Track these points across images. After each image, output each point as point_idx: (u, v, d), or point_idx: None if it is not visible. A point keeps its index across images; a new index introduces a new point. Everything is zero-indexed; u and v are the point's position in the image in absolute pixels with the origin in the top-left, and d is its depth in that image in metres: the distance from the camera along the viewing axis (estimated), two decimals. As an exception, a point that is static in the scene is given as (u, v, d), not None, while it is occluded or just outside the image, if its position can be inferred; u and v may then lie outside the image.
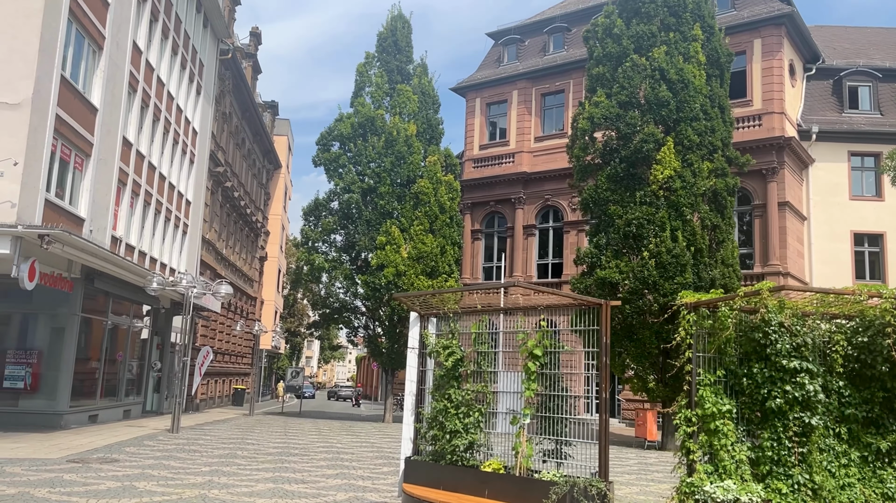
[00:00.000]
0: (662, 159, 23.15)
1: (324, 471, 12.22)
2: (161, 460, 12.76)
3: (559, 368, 7.04)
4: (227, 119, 34.62)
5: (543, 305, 7.33)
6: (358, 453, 15.74)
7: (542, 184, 36.39)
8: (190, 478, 10.67)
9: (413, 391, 8.27)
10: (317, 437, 19.81)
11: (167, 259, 25.81)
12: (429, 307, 8.37)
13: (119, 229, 20.89)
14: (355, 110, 31.05)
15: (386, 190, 29.64)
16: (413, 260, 28.86)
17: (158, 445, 15.33)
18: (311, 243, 31.13)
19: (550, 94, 37.65)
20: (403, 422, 8.25)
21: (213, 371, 34.56)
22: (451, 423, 7.47)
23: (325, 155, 30.89)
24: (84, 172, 18.36)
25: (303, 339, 75.29)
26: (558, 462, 6.90)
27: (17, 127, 14.93)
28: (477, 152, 39.07)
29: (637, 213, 22.95)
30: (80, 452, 13.31)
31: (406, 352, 25.66)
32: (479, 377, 7.72)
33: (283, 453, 14.98)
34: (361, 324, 32.06)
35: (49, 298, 18.24)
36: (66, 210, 17.18)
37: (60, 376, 18.00)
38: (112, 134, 19.75)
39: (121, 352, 22.86)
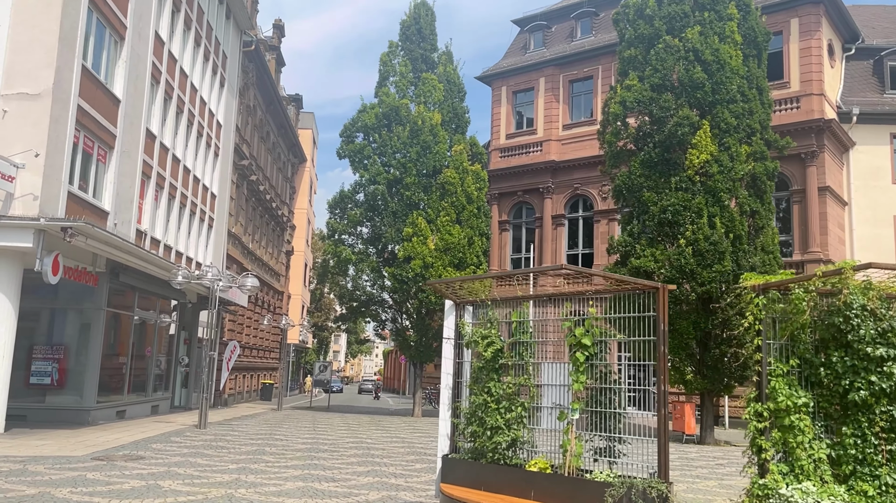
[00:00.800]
0: (698, 143, 22.36)
1: (354, 469, 11.76)
2: (187, 457, 12.40)
3: (610, 359, 6.45)
4: (251, 112, 34.35)
5: (591, 291, 6.75)
6: (389, 449, 15.28)
7: (571, 172, 35.65)
8: (216, 477, 10.27)
9: (449, 384, 7.74)
10: (346, 432, 19.41)
11: (193, 253, 25.57)
12: (465, 295, 7.82)
13: (144, 223, 20.64)
14: (379, 100, 30.56)
15: (412, 180, 29.14)
16: (440, 251, 28.35)
17: (185, 441, 15.01)
18: (338, 236, 30.76)
19: (578, 81, 36.84)
20: (440, 417, 7.73)
21: (241, 366, 34.42)
22: (491, 419, 6.93)
23: (349, 146, 30.46)
24: (107, 165, 18.09)
25: (330, 334, 75.27)
26: (610, 461, 6.33)
27: (39, 117, 14.64)
28: (503, 141, 38.41)
29: (672, 199, 22.19)
30: (106, 449, 13.00)
31: (435, 345, 25.22)
32: (520, 369, 7.16)
33: (312, 449, 14.57)
34: (389, 318, 31.64)
35: (75, 293, 18.04)
36: (89, 203, 16.91)
37: (87, 372, 17.79)
38: (135, 126, 19.47)
39: (148, 347, 22.67)
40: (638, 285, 6.41)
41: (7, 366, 14.53)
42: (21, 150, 14.29)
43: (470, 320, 7.84)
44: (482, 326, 7.50)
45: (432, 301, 28.11)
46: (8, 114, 14.53)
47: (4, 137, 14.44)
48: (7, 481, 9.16)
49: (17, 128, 14.52)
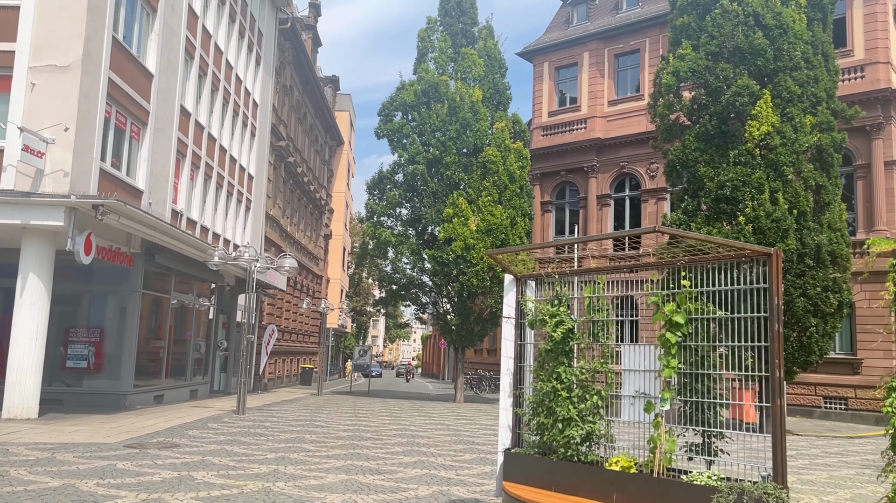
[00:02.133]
0: (758, 114, 20.98)
1: (400, 459, 10.97)
2: (224, 445, 11.75)
3: (708, 340, 5.46)
4: (288, 92, 33.70)
5: (683, 260, 5.75)
6: (434, 437, 14.48)
7: (617, 150, 34.33)
8: (253, 468, 9.55)
9: (510, 369, 6.83)
10: (388, 419, 18.69)
11: (230, 235, 25.05)
12: (529, 267, 6.90)
13: (179, 203, 20.09)
14: (418, 77, 29.63)
15: (452, 160, 28.19)
16: (482, 233, 27.42)
17: (222, 428, 14.41)
18: (377, 218, 30.00)
19: (624, 55, 35.39)
20: (500, 406, 6.84)
21: (281, 350, 34.03)
22: (562, 409, 6.01)
23: (387, 126, 29.61)
24: (141, 142, 17.51)
25: (368, 318, 75.02)
26: (708, 460, 5.36)
27: (68, 90, 14.05)
28: (546, 119, 37.19)
29: (731, 174, 20.90)
30: (140, 436, 12.43)
31: (477, 329, 24.22)
32: (595, 352, 6.22)
33: (354, 437, 13.84)
34: (429, 301, 30.86)
35: (110, 275, 17.57)
36: (122, 181, 16.35)
37: (124, 355, 17.33)
38: (169, 102, 18.86)
39: (187, 331, 22.23)
40: (745, 251, 5.40)
41: (40, 350, 14.06)
42: (50, 125, 13.71)
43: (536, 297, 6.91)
44: (549, 303, 6.56)
45: (474, 284, 27.25)
46: (37, 87, 13.96)
47: (33, 112, 13.88)
48: (31, 472, 8.55)
49: (46, 102, 13.94)
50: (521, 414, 6.49)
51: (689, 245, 5.65)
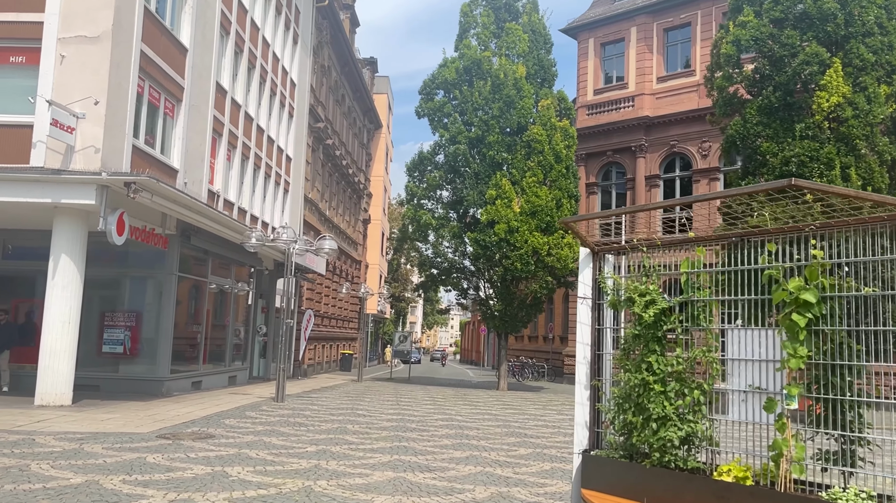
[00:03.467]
0: (828, 84, 19.57)
1: (450, 454, 10.09)
2: (262, 436, 11.02)
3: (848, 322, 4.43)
4: (325, 72, 32.94)
5: (813, 226, 4.70)
6: (483, 428, 13.59)
7: (667, 129, 32.87)
8: (292, 462, 8.77)
9: (587, 357, 5.86)
10: (432, 407, 17.87)
11: (269, 218, 24.44)
12: (611, 239, 5.92)
13: (216, 183, 19.47)
14: (460, 54, 28.55)
15: (495, 139, 27.11)
16: (526, 215, 26.35)
17: (261, 417, 13.72)
18: (417, 200, 29.10)
19: (674, 29, 33.82)
20: (576, 401, 5.88)
21: (320, 335, 33.51)
22: (656, 406, 5.03)
23: (428, 104, 28.64)
24: (175, 119, 16.87)
25: (407, 304, 74.52)
26: (847, 471, 4.34)
27: (98, 63, 13.39)
28: (591, 98, 35.85)
29: (797, 149, 19.56)
30: (175, 425, 11.78)
31: (521, 315, 23.12)
32: (695, 338, 5.22)
33: (398, 427, 13.03)
34: (471, 286, 29.94)
35: (145, 258, 17.04)
36: (156, 159, 15.72)
37: (160, 340, 16.79)
38: (204, 78, 18.18)
39: (226, 315, 21.70)
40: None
41: (73, 334, 13.52)
42: (80, 98, 13.07)
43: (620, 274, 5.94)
44: (635, 280, 5.58)
45: (517, 268, 26.24)
46: (66, 59, 13.33)
47: (63, 85, 13.26)
48: (54, 466, 7.88)
49: (75, 74, 13.31)
50: (605, 410, 5.51)
51: (828, 205, 4.60)
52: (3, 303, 16.77)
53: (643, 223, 32.97)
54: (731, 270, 5.05)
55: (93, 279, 16.45)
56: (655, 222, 33.00)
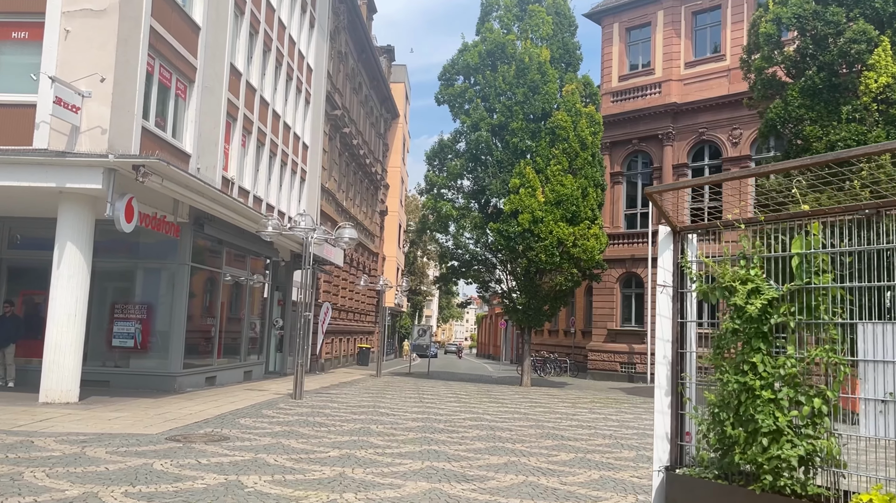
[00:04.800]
0: (876, 64, 18.43)
1: (486, 460, 9.19)
2: (280, 438, 10.17)
3: None
4: (342, 59, 32.05)
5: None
6: (516, 429, 12.68)
7: (695, 116, 31.71)
8: (314, 470, 7.91)
9: (668, 356, 4.93)
10: (457, 405, 16.98)
11: (285, 207, 23.63)
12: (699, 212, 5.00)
13: (231, 170, 18.65)
14: (482, 37, 27.56)
15: (518, 126, 26.10)
16: (551, 205, 25.36)
17: (278, 415, 12.89)
18: (437, 190, 28.17)
19: (703, 12, 32.59)
20: (656, 408, 4.95)
21: (338, 329, 32.73)
22: (764, 417, 4.09)
23: (448, 90, 27.69)
24: (188, 101, 16.04)
25: (423, 298, 73.76)
26: None
27: (105, 37, 12.57)
28: (616, 84, 34.71)
29: (843, 132, 18.43)
30: (186, 425, 10.97)
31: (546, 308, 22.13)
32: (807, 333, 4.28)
33: (425, 428, 12.15)
34: (493, 279, 29.01)
35: (156, 247, 16.25)
36: (167, 143, 14.90)
37: (172, 334, 16.01)
38: (218, 59, 17.34)
39: (242, 308, 20.92)
40: None
41: (80, 327, 12.76)
42: (86, 75, 12.25)
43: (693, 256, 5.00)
44: (728, 264, 4.64)
45: (542, 260, 25.27)
46: (71, 34, 12.51)
47: (67, 62, 12.45)
48: (51, 474, 7.06)
49: (81, 50, 12.50)
50: (697, 421, 4.57)
51: (875, 192, 3.69)
52: (12, 295, 16.07)
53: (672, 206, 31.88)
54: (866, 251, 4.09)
55: (102, 270, 15.75)
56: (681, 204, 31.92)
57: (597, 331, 34.31)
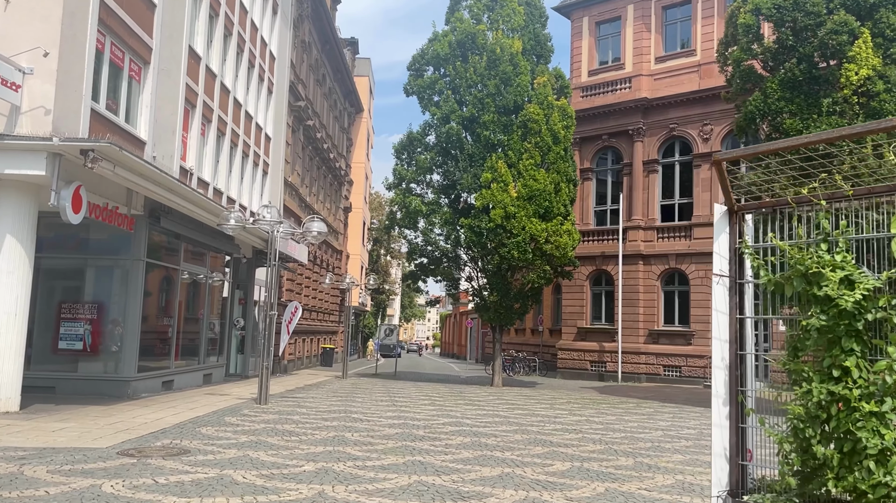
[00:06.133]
0: (856, 56, 18.12)
1: (478, 472, 8.36)
2: (247, 450, 9.18)
3: None
4: (306, 49, 30.89)
5: None
6: (500, 435, 11.88)
7: (666, 111, 31.37)
8: (289, 489, 6.98)
9: (726, 359, 4.15)
10: (433, 408, 16.11)
11: (246, 201, 22.47)
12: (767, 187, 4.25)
13: (189, 160, 17.48)
14: (452, 27, 26.70)
15: (490, 118, 25.33)
16: (523, 200, 24.64)
17: (243, 423, 11.86)
18: (406, 184, 27.23)
19: (673, 7, 32.30)
20: (713, 421, 4.15)
21: (301, 329, 31.54)
22: (869, 435, 3.33)
23: (417, 82, 26.76)
24: (143, 84, 14.86)
25: (387, 297, 72.68)
26: None
27: (49, 8, 11.39)
28: (585, 79, 34.23)
29: (824, 125, 18.09)
30: (141, 436, 9.89)
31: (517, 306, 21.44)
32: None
33: (404, 435, 11.26)
34: (464, 276, 28.19)
35: (108, 242, 15.05)
36: (120, 127, 13.73)
37: (126, 335, 14.82)
38: (175, 41, 16.16)
39: (200, 308, 19.72)
40: None
41: (21, 328, 11.55)
42: (27, 49, 11.06)
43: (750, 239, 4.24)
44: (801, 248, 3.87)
45: (514, 256, 24.55)
46: (11, 3, 11.31)
47: (6, 34, 11.25)
48: (-23, 501, 6.00)
49: (22, 22, 11.31)
50: (778, 439, 3.77)
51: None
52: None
53: (639, 208, 31.49)
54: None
55: (48, 267, 14.56)
56: (654, 205, 31.53)
57: (566, 330, 33.79)
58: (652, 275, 31.10)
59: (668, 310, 31.08)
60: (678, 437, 12.69)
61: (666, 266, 30.85)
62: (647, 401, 21.10)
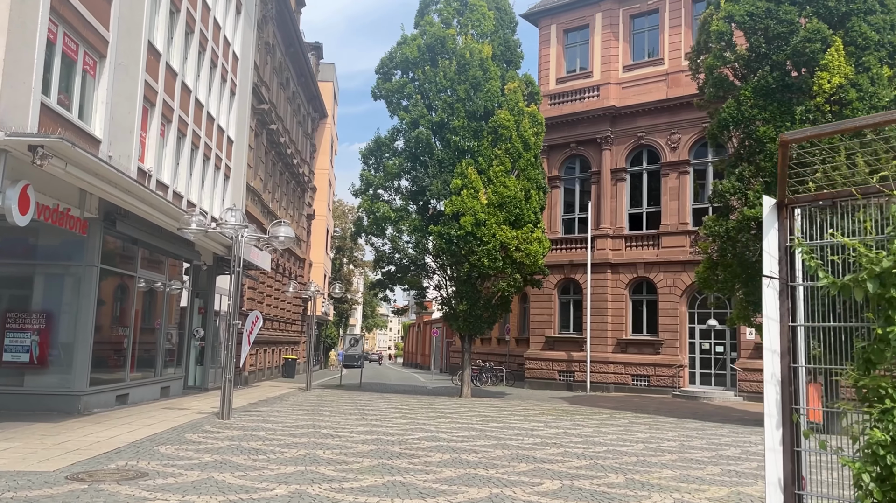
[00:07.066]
0: (829, 64, 18.09)
1: (465, 493, 7.76)
2: (211, 471, 8.42)
3: None
4: (270, 51, 30.07)
5: None
6: (480, 450, 11.29)
7: (634, 120, 31.32)
8: (262, 518, 6.28)
9: (777, 374, 3.65)
10: (405, 422, 15.44)
11: (207, 205, 21.56)
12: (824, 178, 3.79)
13: (147, 161, 16.58)
14: (422, 30, 26.18)
15: (460, 124, 24.82)
16: (494, 207, 24.20)
17: (205, 441, 11.06)
18: (373, 190, 26.53)
19: (641, 16, 32.33)
20: (766, 446, 3.64)
21: (262, 339, 30.55)
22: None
23: (386, 85, 26.15)
24: (98, 79, 13.97)
25: (350, 307, 71.66)
26: None
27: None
28: (553, 87, 34.05)
29: (798, 133, 17.96)
30: (93, 457, 9.05)
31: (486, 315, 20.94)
32: None
33: (380, 452, 10.59)
34: (432, 285, 27.58)
35: (59, 247, 14.11)
36: (73, 124, 12.83)
37: (77, 346, 13.85)
38: (134, 35, 15.30)
39: (158, 317, 18.75)
40: None
41: (-40, 339, 10.59)
42: (-31, 36, 10.19)
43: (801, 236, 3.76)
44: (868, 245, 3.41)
45: (485, 265, 24.04)
46: (-49, -14, 10.40)
47: (-53, 19, 10.34)
48: None
49: (-36, 6, 10.40)
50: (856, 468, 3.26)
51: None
52: None
53: (607, 217, 31.32)
54: None
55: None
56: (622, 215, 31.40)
57: (534, 339, 33.41)
58: (620, 283, 30.93)
59: (636, 319, 30.92)
60: (661, 451, 12.26)
61: (634, 275, 30.71)
62: (620, 412, 20.74)
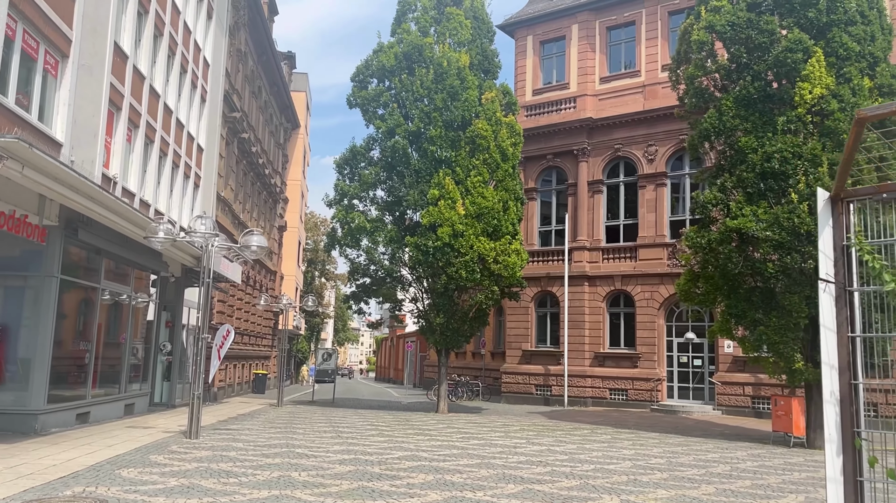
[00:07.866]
0: (810, 74, 18.02)
1: (455, 519, 7.20)
2: (176, 497, 7.76)
3: None
4: (242, 58, 29.42)
5: None
6: (465, 470, 10.73)
7: (611, 131, 31.19)
8: (234, 553, 5.65)
9: (836, 393, 3.18)
10: (383, 439, 14.81)
11: (176, 215, 20.79)
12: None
13: (113, 167, 15.84)
14: (398, 38, 25.75)
15: (437, 133, 24.37)
16: (472, 218, 23.76)
17: (172, 463, 10.34)
18: (348, 201, 25.91)
19: (618, 28, 32.30)
20: (827, 474, 3.16)
21: (232, 354, 29.67)
22: None
23: (361, 93, 25.62)
24: (59, 79, 13.26)
25: (321, 320, 70.65)
26: None
27: (-54, -18, 9.82)
28: (530, 98, 33.84)
29: (779, 144, 17.93)
30: (48, 482, 8.32)
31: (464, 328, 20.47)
32: None
33: (359, 474, 9.98)
34: (408, 297, 26.99)
35: (15, 256, 13.31)
36: (32, 126, 12.12)
37: (34, 361, 13.04)
38: (99, 35, 14.61)
39: (122, 331, 17.90)
40: None
41: None
42: (-83, 28, 9.48)
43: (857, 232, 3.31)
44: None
45: (462, 276, 23.55)
46: None
47: None
48: None
49: (-88, -4, 9.70)
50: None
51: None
52: None
53: (584, 229, 31.07)
54: None
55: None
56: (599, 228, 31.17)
57: (511, 353, 32.96)
58: (597, 296, 30.65)
59: (613, 332, 30.64)
60: (650, 468, 11.82)
61: (611, 287, 30.46)
62: (601, 427, 20.32)
